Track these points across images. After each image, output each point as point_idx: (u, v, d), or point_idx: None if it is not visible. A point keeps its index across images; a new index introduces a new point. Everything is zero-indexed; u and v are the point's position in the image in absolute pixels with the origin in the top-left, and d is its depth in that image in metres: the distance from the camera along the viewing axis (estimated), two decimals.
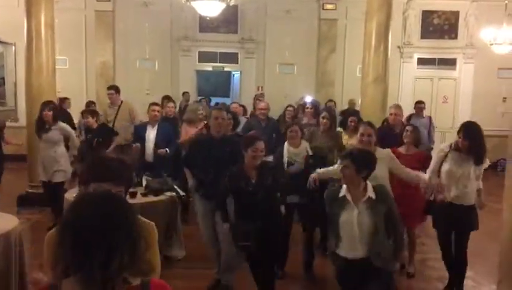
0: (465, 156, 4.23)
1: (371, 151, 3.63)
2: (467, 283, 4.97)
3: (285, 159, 4.86)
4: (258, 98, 11.23)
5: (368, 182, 3.23)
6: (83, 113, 6.92)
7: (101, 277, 1.35)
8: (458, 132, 4.32)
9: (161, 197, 5.01)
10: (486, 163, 4.35)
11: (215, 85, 14.94)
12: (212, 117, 4.65)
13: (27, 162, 7.83)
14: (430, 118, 9.26)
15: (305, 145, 4.99)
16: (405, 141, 5.03)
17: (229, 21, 11.89)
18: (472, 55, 12.11)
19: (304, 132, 5.54)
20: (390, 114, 6.32)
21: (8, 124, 10.37)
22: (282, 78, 12.19)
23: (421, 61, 12.36)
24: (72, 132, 6.69)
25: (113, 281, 1.37)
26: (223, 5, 7.69)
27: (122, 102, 7.71)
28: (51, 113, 6.27)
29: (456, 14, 12.19)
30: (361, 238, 3.15)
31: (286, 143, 5.02)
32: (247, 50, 12.17)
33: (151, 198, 4.95)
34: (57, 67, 8.08)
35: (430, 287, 4.98)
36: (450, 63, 12.35)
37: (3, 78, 11.54)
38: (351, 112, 10.01)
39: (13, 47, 11.14)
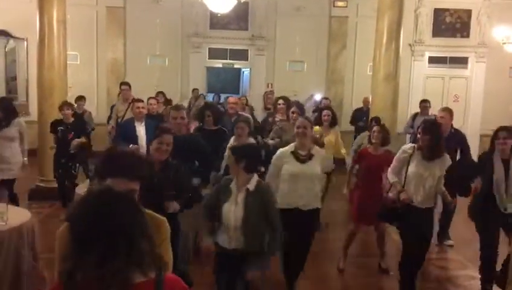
0: (428, 155, 4.13)
1: (253, 145, 3.80)
2: (474, 283, 4.95)
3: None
4: (268, 95, 11.24)
5: (255, 176, 3.41)
6: (61, 106, 6.77)
7: (97, 274, 1.35)
8: (417, 130, 4.28)
9: None
10: (447, 162, 4.22)
11: (225, 82, 14.96)
12: (171, 117, 4.64)
13: (37, 156, 7.90)
14: (435, 117, 9.16)
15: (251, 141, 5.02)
16: (372, 141, 5.06)
17: (239, 18, 11.88)
18: (484, 54, 12.00)
19: (273, 127, 5.72)
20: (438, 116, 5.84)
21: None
22: (291, 76, 12.16)
23: (433, 60, 12.26)
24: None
25: (113, 279, 1.37)
26: (235, 2, 7.69)
27: (133, 99, 7.73)
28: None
29: (468, 13, 12.08)
30: (237, 228, 3.31)
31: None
32: (257, 47, 12.16)
33: None
34: (68, 62, 8.13)
35: (440, 287, 4.96)
36: (462, 61, 12.24)
37: (15, 73, 11.64)
38: (364, 110, 10.03)
39: (25, 42, 11.21)
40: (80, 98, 9.22)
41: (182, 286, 1.55)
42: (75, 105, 8.55)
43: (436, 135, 4.12)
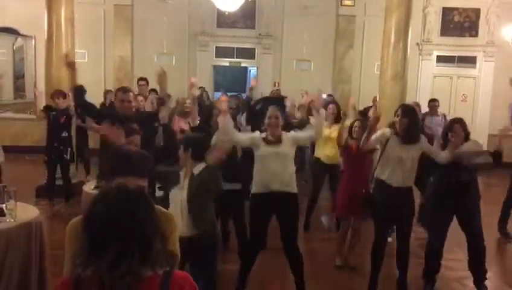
0: (405, 138, 4.29)
1: (198, 135, 3.83)
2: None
3: None
4: (274, 93, 11.23)
5: (203, 164, 3.45)
6: (53, 94, 6.91)
7: (110, 274, 1.36)
8: (395, 114, 4.40)
9: None
10: (428, 146, 4.41)
11: (232, 80, 14.95)
12: (119, 99, 4.73)
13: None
14: (444, 116, 9.14)
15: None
16: (354, 137, 5.10)
17: (246, 16, 11.88)
18: (492, 53, 11.92)
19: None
20: None
21: (27, 116, 10.59)
22: (298, 75, 12.14)
23: (441, 59, 12.19)
24: None
25: (125, 278, 1.37)
26: (242, 0, 7.68)
27: (149, 93, 7.74)
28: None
29: (477, 12, 12.00)
30: (183, 213, 3.35)
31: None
32: (264, 46, 12.15)
33: None
34: (76, 60, 8.15)
35: (447, 288, 4.93)
36: (470, 61, 12.16)
37: (23, 71, 11.70)
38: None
39: (33, 40, 11.27)
40: (107, 92, 9.28)
41: (190, 282, 1.55)
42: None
43: (413, 118, 4.34)
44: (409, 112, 4.36)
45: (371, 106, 10.28)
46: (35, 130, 7.50)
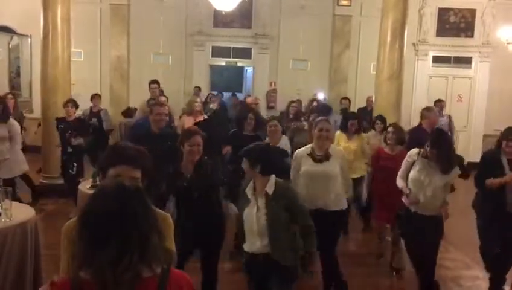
0: (433, 164, 4.02)
1: (266, 147, 3.55)
2: (479, 283, 4.94)
3: None
4: (271, 93, 11.25)
5: (272, 177, 3.26)
6: (65, 103, 6.72)
7: (111, 273, 1.36)
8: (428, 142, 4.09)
9: None
10: (456, 173, 4.11)
11: (228, 80, 14.93)
12: (155, 113, 4.71)
13: (42, 153, 7.92)
14: (450, 117, 9.21)
15: (284, 141, 5.03)
16: (388, 142, 5.06)
17: (243, 16, 11.86)
18: (488, 53, 11.95)
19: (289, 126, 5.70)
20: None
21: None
22: (295, 74, 12.15)
23: (436, 59, 12.22)
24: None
25: (125, 275, 1.37)
26: (239, 0, 7.67)
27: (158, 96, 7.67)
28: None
29: (472, 12, 12.03)
30: (260, 233, 3.21)
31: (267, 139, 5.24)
32: (260, 45, 12.14)
33: None
34: (72, 59, 8.14)
35: (444, 288, 4.94)
36: (466, 61, 12.19)
37: (18, 70, 11.66)
38: (367, 110, 10.02)
39: (29, 39, 11.24)
40: (95, 96, 9.08)
41: (187, 280, 1.56)
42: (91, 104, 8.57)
43: (444, 147, 3.98)
44: (438, 142, 3.99)
45: (365, 106, 10.37)
46: (30, 129, 7.47)
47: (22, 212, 3.84)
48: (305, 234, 3.31)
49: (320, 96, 11.23)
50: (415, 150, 4.24)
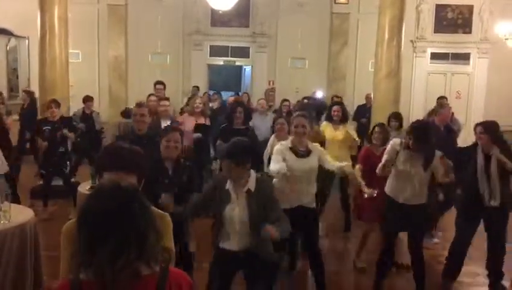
0: (416, 154, 4.05)
1: (248, 144, 3.37)
2: (478, 279, 4.95)
3: (268, 151, 4.93)
4: (269, 92, 11.25)
5: (253, 173, 3.22)
6: (48, 104, 6.58)
7: (111, 270, 1.36)
8: (407, 133, 4.14)
9: None
10: (438, 156, 4.11)
11: (227, 79, 14.94)
12: (133, 114, 4.58)
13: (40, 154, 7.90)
14: (452, 113, 9.19)
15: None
16: (374, 142, 5.05)
17: (240, 15, 11.87)
18: (486, 49, 11.97)
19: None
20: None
21: None
22: (293, 73, 12.15)
23: (434, 56, 12.24)
24: None
25: (124, 272, 1.38)
26: None
27: (160, 98, 7.61)
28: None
29: (470, 8, 12.04)
30: (243, 231, 3.17)
31: (273, 136, 5.22)
32: (258, 44, 12.14)
33: None
34: (69, 61, 8.13)
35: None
36: (464, 57, 12.21)
37: (17, 72, 11.64)
38: (366, 107, 10.03)
39: (26, 40, 11.23)
40: (89, 99, 9.08)
41: (185, 279, 1.56)
42: (84, 105, 8.55)
43: (422, 140, 4.00)
44: (421, 136, 4.01)
45: (364, 104, 10.38)
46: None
47: (21, 214, 3.84)
48: (279, 222, 3.25)
49: (319, 94, 11.23)
50: (397, 140, 4.26)
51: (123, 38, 11.80)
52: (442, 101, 9.24)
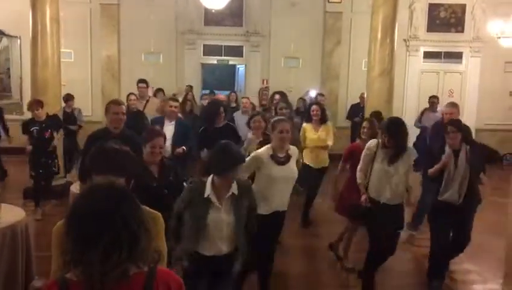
0: (393, 152, 4.13)
1: (225, 150, 3.17)
2: (471, 277, 4.97)
3: (244, 147, 4.94)
4: (263, 91, 11.24)
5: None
6: (31, 105, 6.57)
7: (100, 269, 1.36)
8: (382, 131, 4.22)
9: None
10: (412, 156, 4.30)
11: (220, 78, 14.94)
12: (112, 112, 4.35)
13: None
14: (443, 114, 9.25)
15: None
16: (362, 137, 5.05)
17: (234, 14, 11.85)
18: (479, 48, 12.01)
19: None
20: (445, 114, 5.86)
21: (13, 116, 10.47)
22: (287, 72, 12.14)
23: (427, 55, 12.26)
24: None
25: (113, 272, 1.37)
26: None
27: (150, 97, 7.66)
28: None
29: (462, 7, 12.08)
30: (227, 236, 3.13)
31: (250, 133, 5.21)
32: (252, 43, 12.13)
33: None
34: (62, 60, 8.09)
35: None
36: (457, 56, 12.25)
37: (9, 72, 11.57)
38: (360, 106, 10.06)
39: (18, 40, 11.15)
40: (69, 98, 9.07)
41: (174, 278, 1.56)
42: (64, 104, 8.53)
43: (399, 136, 4.12)
44: (393, 130, 4.14)
45: (358, 103, 10.42)
46: (21, 131, 7.41)
47: (12, 214, 3.82)
48: (250, 218, 3.28)
49: (312, 93, 11.25)
50: (373, 142, 4.31)
51: (116, 37, 11.74)
52: (433, 100, 9.35)
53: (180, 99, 9.87)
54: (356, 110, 10.33)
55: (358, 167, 4.36)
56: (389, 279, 4.84)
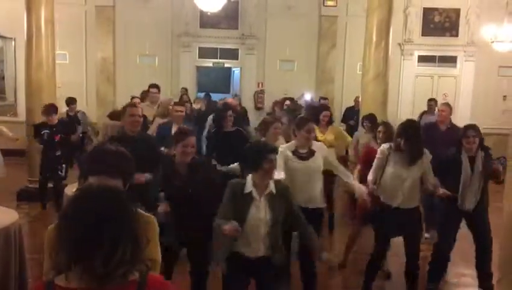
0: (406, 155, 4.05)
1: (259, 148, 3.33)
2: (464, 280, 4.98)
3: None
4: (259, 94, 11.27)
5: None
6: (47, 111, 6.64)
7: (101, 271, 1.34)
8: (397, 134, 4.15)
9: None
10: (428, 158, 4.13)
11: (215, 81, 14.91)
12: (128, 114, 4.36)
13: (26, 156, 7.83)
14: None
15: (281, 141, 5.00)
16: (378, 142, 5.00)
17: (229, 17, 11.86)
18: (473, 52, 12.08)
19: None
20: (440, 110, 6.58)
21: (7, 118, 10.43)
22: (282, 75, 12.17)
23: (422, 59, 12.32)
24: None
25: (112, 275, 1.36)
26: (224, 1, 7.67)
27: (161, 102, 7.58)
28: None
29: (457, 12, 12.15)
30: (265, 236, 3.17)
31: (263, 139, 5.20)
32: (247, 46, 12.14)
33: None
34: (57, 62, 8.06)
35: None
36: (451, 60, 12.31)
37: (3, 73, 11.51)
38: (355, 109, 10.09)
39: (13, 42, 11.11)
40: (71, 101, 9.07)
41: (166, 285, 1.55)
42: (67, 108, 8.52)
43: (414, 138, 4.03)
44: (407, 132, 4.05)
45: (352, 106, 10.44)
46: (15, 133, 7.37)
47: (5, 216, 3.79)
48: (307, 231, 3.36)
49: (307, 96, 11.27)
50: (385, 146, 4.25)
51: (111, 39, 11.72)
52: (431, 103, 9.39)
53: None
54: (351, 114, 10.35)
55: (371, 171, 4.31)
56: (387, 281, 4.86)
